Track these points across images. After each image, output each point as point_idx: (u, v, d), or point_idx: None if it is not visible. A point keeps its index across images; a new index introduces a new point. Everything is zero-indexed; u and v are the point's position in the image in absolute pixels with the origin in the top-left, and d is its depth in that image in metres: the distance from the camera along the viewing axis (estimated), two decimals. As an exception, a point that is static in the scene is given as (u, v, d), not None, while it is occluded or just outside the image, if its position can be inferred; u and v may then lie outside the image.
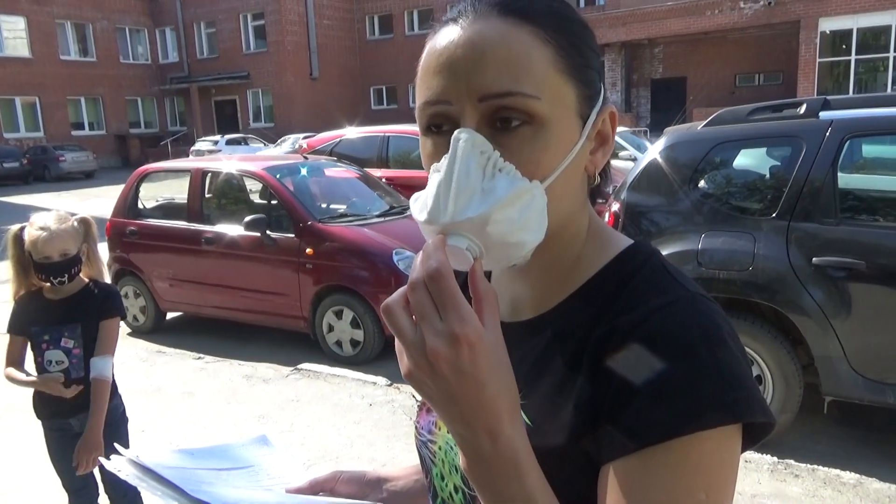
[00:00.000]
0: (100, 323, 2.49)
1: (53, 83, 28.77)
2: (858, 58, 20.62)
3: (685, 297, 0.63)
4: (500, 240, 0.59)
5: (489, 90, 0.61)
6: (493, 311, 0.57)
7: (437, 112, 0.65)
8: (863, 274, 3.22)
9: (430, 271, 0.54)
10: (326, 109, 29.45)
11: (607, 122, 0.70)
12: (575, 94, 0.65)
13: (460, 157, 0.59)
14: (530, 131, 0.62)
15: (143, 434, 4.01)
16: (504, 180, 0.59)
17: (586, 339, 0.64)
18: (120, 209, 6.53)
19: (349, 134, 9.10)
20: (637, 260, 0.69)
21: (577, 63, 0.65)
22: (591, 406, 0.61)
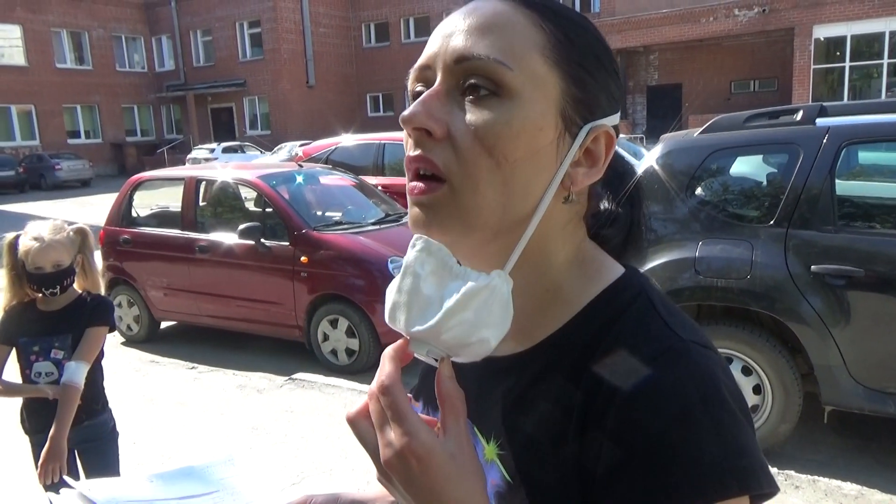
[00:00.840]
0: (86, 330, 2.42)
1: (49, 91, 28.73)
2: (852, 64, 20.72)
3: (678, 347, 0.57)
4: (459, 343, 0.56)
5: (465, 52, 0.59)
6: (456, 415, 0.55)
7: (419, 77, 0.64)
8: (862, 282, 3.19)
9: (379, 385, 0.55)
10: (323, 117, 29.47)
11: (600, 141, 0.63)
12: (560, 89, 0.61)
13: (412, 263, 0.57)
14: (496, 103, 0.59)
15: (134, 446, 3.96)
16: (457, 284, 0.56)
17: (572, 389, 0.59)
18: (113, 218, 6.48)
19: (345, 141, 9.08)
20: (625, 296, 0.63)
21: (571, 59, 0.62)
22: (580, 468, 0.56)
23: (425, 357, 0.57)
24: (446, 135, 0.59)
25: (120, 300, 6.36)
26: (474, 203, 0.59)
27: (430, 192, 0.60)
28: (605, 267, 0.67)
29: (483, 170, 0.58)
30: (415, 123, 0.59)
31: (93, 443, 2.53)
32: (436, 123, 0.59)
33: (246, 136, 30.32)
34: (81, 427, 2.48)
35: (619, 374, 0.56)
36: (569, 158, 0.61)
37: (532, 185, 0.60)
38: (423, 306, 0.56)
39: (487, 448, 0.64)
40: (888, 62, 20.18)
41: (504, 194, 0.59)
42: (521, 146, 0.59)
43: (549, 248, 0.65)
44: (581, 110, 0.62)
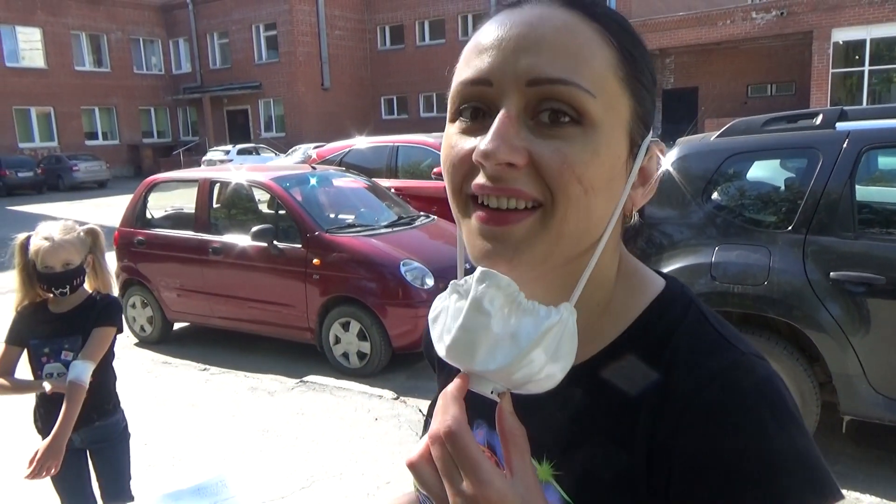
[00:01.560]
0: (94, 329, 2.41)
1: (68, 93, 29.08)
2: (871, 68, 20.44)
3: (743, 361, 0.56)
4: (528, 380, 0.54)
5: (541, 73, 0.54)
6: (521, 453, 0.53)
7: (473, 93, 0.58)
8: (883, 289, 3.12)
9: (446, 430, 0.52)
10: (337, 119, 29.56)
11: (654, 158, 0.63)
12: (630, 109, 0.59)
13: (480, 299, 0.53)
14: (579, 132, 0.55)
15: (145, 447, 3.96)
16: (529, 321, 0.53)
17: (634, 404, 0.58)
18: (128, 219, 6.52)
19: (358, 144, 9.08)
20: (676, 309, 0.62)
21: (635, 76, 0.59)
22: (648, 485, 0.55)
23: (488, 394, 0.56)
24: (528, 163, 0.55)
25: (134, 301, 6.39)
26: (560, 232, 0.56)
27: (518, 223, 0.56)
28: (647, 278, 0.67)
29: (573, 198, 0.55)
30: (498, 159, 0.54)
31: (105, 443, 2.54)
32: (518, 155, 0.55)
33: (261, 138, 30.48)
34: (93, 427, 2.49)
35: (684, 393, 0.55)
36: (631, 180, 0.60)
37: (607, 211, 0.59)
38: (491, 345, 0.53)
39: (541, 469, 0.62)
40: (908, 66, 19.90)
41: (586, 222, 0.57)
42: (605, 174, 0.57)
43: (603, 265, 0.63)
44: (642, 126, 0.61)
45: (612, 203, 0.59)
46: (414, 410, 4.44)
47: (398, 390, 4.81)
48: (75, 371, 2.33)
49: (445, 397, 0.54)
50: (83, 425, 2.45)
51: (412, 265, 5.14)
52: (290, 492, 3.50)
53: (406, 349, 5.12)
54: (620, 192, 0.59)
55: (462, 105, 0.59)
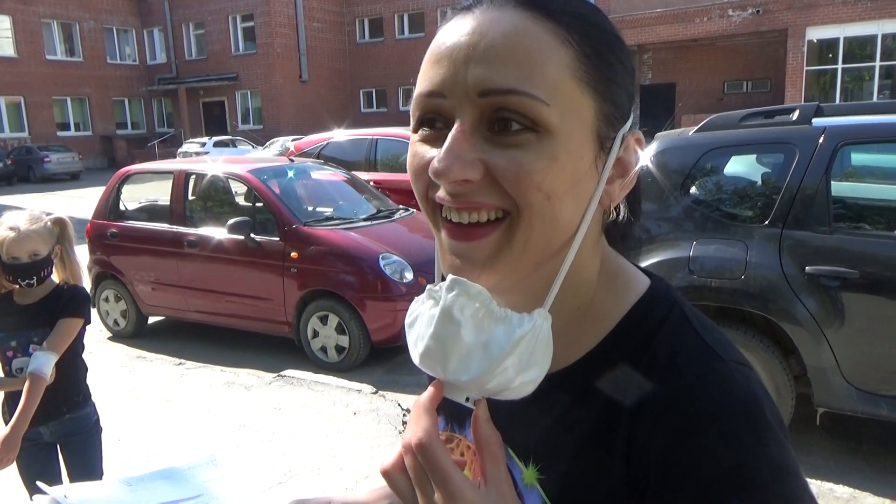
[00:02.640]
0: (59, 320, 2.33)
1: (39, 83, 28.46)
2: (845, 67, 20.78)
3: (721, 368, 0.56)
4: (502, 388, 0.54)
5: (490, 84, 0.53)
6: (495, 461, 0.53)
7: (430, 106, 0.57)
8: (856, 283, 3.17)
9: (417, 443, 0.52)
10: (316, 112, 29.32)
11: (631, 148, 0.61)
12: (593, 110, 0.57)
13: (450, 308, 0.53)
14: (535, 140, 0.54)
15: (119, 443, 3.90)
16: (501, 330, 0.53)
17: (615, 410, 0.57)
18: (101, 211, 6.40)
19: (337, 136, 9.01)
20: (658, 311, 0.61)
21: (600, 74, 0.57)
22: (627, 491, 0.55)
23: (462, 402, 0.55)
24: (485, 174, 0.55)
25: (107, 295, 6.28)
26: (526, 240, 0.56)
27: (484, 237, 0.56)
28: (630, 278, 0.65)
29: (535, 205, 0.54)
30: (452, 177, 0.54)
31: (75, 437, 2.49)
32: (473, 170, 0.54)
33: (238, 130, 30.13)
34: (63, 420, 2.44)
35: (661, 399, 0.55)
36: (605, 176, 0.58)
37: (576, 213, 0.57)
38: (463, 355, 0.52)
39: (526, 472, 0.62)
40: (880, 65, 20.26)
41: (552, 228, 0.56)
42: (567, 178, 0.55)
43: (581, 266, 0.62)
44: (612, 123, 0.59)
45: (581, 204, 0.58)
46: (393, 405, 4.42)
47: (377, 384, 4.78)
48: (36, 362, 2.26)
49: (418, 407, 0.54)
50: (52, 418, 2.41)
51: (391, 259, 5.11)
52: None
53: (385, 343, 5.10)
54: (591, 191, 0.58)
55: (421, 116, 0.59)
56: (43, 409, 2.38)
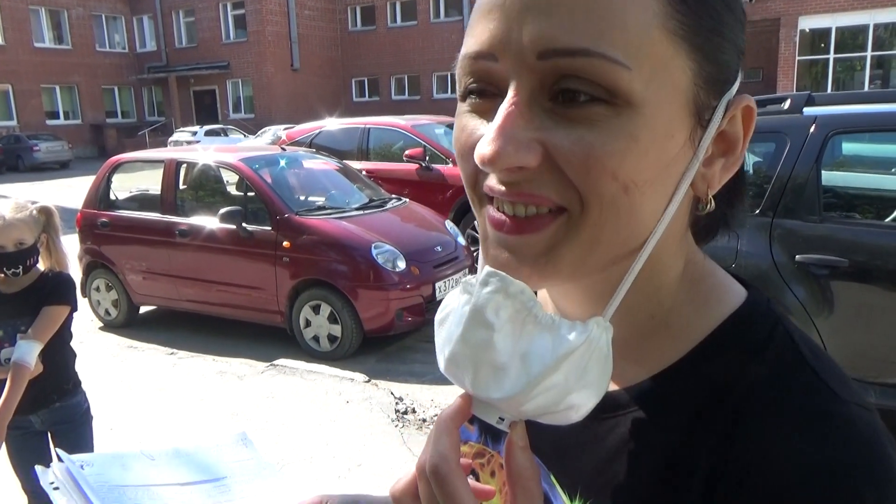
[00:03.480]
0: (43, 308, 2.31)
1: (27, 71, 28.14)
2: (836, 56, 20.83)
3: (841, 411, 0.44)
4: (543, 411, 0.44)
5: (552, 43, 0.41)
6: (528, 498, 0.45)
7: (479, 70, 0.46)
8: (846, 272, 3.19)
9: (431, 467, 0.44)
10: (307, 101, 29.15)
11: (738, 120, 0.47)
12: (690, 72, 0.44)
13: (483, 308, 0.43)
14: (611, 114, 0.42)
15: (111, 432, 3.89)
16: (545, 340, 0.43)
17: (693, 449, 0.46)
18: (91, 200, 6.35)
19: (329, 125, 8.97)
20: (759, 331, 0.48)
21: (700, 25, 0.44)
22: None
23: (494, 423, 0.46)
24: (544, 158, 0.43)
25: (98, 284, 6.25)
26: (594, 239, 0.45)
27: (538, 231, 0.45)
28: (722, 287, 0.53)
29: (608, 198, 0.43)
30: (503, 165, 0.43)
31: (66, 424, 2.49)
32: (529, 154, 0.43)
33: (229, 119, 29.93)
34: (53, 408, 2.44)
35: (760, 442, 0.43)
36: (701, 155, 0.46)
37: (661, 204, 0.46)
38: (496, 367, 0.43)
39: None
40: (871, 55, 20.32)
41: (629, 225, 0.45)
42: (651, 163, 0.43)
43: (660, 267, 0.50)
44: (715, 87, 0.46)
45: (669, 192, 0.46)
46: (385, 393, 4.43)
47: (369, 373, 4.80)
48: (20, 351, 2.24)
49: (438, 424, 0.46)
50: (42, 406, 2.41)
51: (384, 248, 5.11)
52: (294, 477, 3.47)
53: (377, 332, 5.11)
54: (680, 175, 0.46)
55: (469, 83, 0.48)
56: (33, 398, 2.38)
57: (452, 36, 28.31)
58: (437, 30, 28.71)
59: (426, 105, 27.55)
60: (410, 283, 5.09)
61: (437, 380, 4.73)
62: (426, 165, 7.64)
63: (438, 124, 8.75)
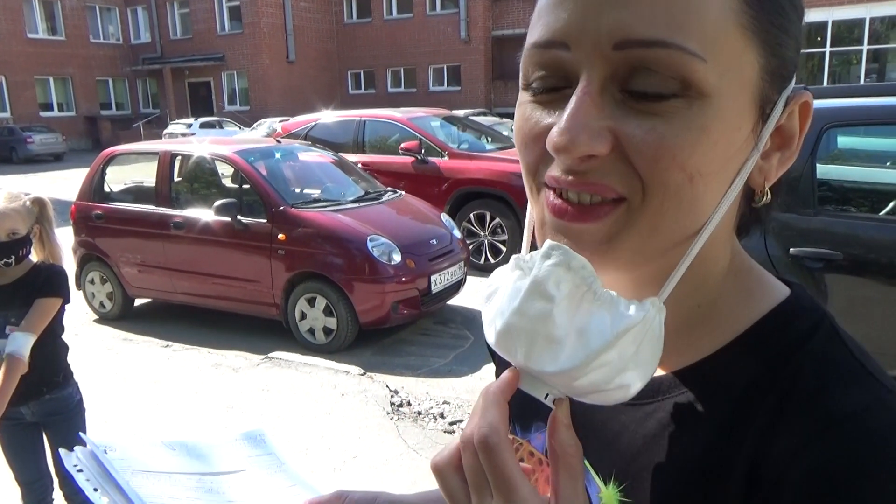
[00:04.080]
0: (36, 300, 2.31)
1: (20, 62, 27.94)
2: (833, 50, 20.85)
3: (887, 400, 0.43)
4: (594, 388, 0.44)
5: (631, 34, 0.42)
6: (572, 476, 0.44)
7: (549, 59, 0.46)
8: (840, 265, 3.20)
9: (480, 438, 0.43)
10: (303, 93, 29.05)
11: (795, 115, 0.48)
12: (758, 67, 0.45)
13: (544, 281, 0.43)
14: (683, 106, 0.43)
15: (106, 425, 3.89)
16: (604, 316, 0.43)
17: (733, 438, 0.46)
18: (85, 192, 6.33)
19: (324, 118, 8.94)
20: (803, 323, 0.49)
21: (769, 21, 0.45)
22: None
23: (542, 399, 0.46)
24: (614, 147, 0.44)
25: (93, 277, 6.24)
26: (653, 227, 0.45)
27: (599, 219, 0.45)
28: (765, 280, 0.53)
29: (673, 188, 0.44)
30: (578, 152, 0.44)
31: (57, 416, 2.49)
32: (601, 142, 0.44)
33: (224, 111, 29.81)
34: (44, 400, 2.44)
35: (805, 431, 0.43)
36: (759, 150, 0.47)
37: (720, 193, 0.46)
38: (552, 340, 0.43)
39: (605, 491, 0.52)
40: (867, 48, 20.34)
41: (690, 214, 0.45)
42: (718, 155, 0.44)
43: (710, 258, 0.50)
44: (777, 82, 0.47)
45: (726, 184, 0.46)
46: (381, 386, 4.44)
47: (365, 366, 4.80)
48: (14, 344, 2.24)
49: (486, 396, 0.45)
50: (32, 398, 2.40)
51: (379, 241, 5.11)
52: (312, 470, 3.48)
53: (373, 325, 5.11)
54: (739, 168, 0.46)
55: (535, 73, 0.47)
56: (23, 390, 2.38)
57: (448, 28, 28.22)
58: (433, 22, 28.61)
59: (422, 98, 27.48)
60: (406, 275, 5.09)
61: (433, 373, 4.74)
62: (422, 158, 7.63)
63: (434, 117, 8.72)
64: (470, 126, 9.00)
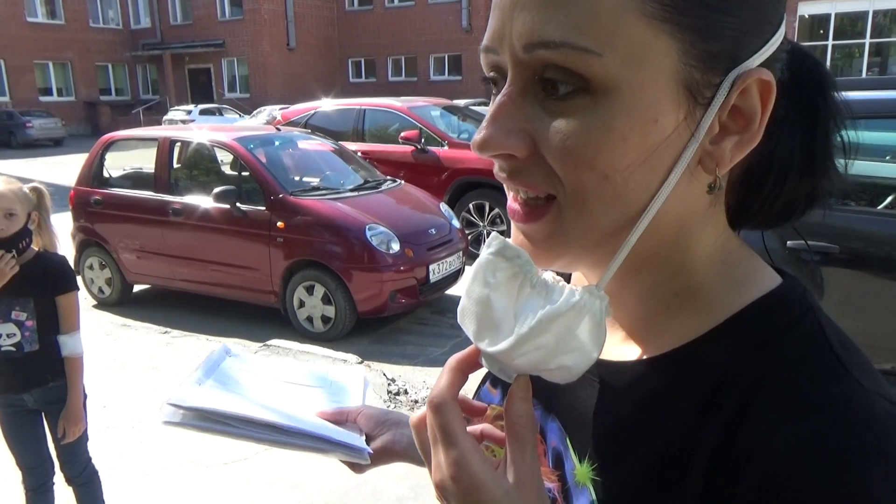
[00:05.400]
0: (56, 299, 2.44)
1: (19, 46, 27.80)
2: (835, 43, 20.77)
3: (857, 399, 0.43)
4: (535, 368, 0.47)
5: (533, 37, 0.44)
6: (521, 444, 0.47)
7: (489, 62, 0.50)
8: (836, 258, 3.21)
9: (429, 400, 0.49)
10: (303, 81, 28.95)
11: (753, 94, 0.46)
12: (677, 52, 0.44)
13: (483, 268, 0.47)
14: (588, 103, 0.44)
15: (104, 410, 3.91)
16: (536, 302, 0.46)
17: (704, 422, 0.46)
18: (84, 177, 6.32)
19: (324, 106, 8.91)
20: (786, 314, 0.48)
21: (688, 4, 0.44)
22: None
23: (496, 372, 0.49)
24: (534, 150, 0.46)
25: (91, 262, 6.24)
26: (582, 223, 0.47)
27: (539, 220, 0.49)
28: (755, 271, 0.52)
29: (588, 185, 0.45)
30: (490, 151, 0.47)
31: (59, 404, 2.51)
32: (517, 143, 0.46)
33: (224, 98, 29.70)
34: (47, 388, 2.47)
35: (771, 420, 0.43)
36: (700, 135, 0.46)
37: (655, 183, 0.46)
38: (493, 322, 0.47)
39: (580, 468, 0.53)
40: (870, 42, 20.27)
41: (617, 208, 0.46)
42: (632, 149, 0.45)
43: (685, 244, 0.51)
44: (716, 64, 0.45)
45: (662, 173, 0.46)
46: (378, 374, 4.46)
47: (362, 354, 4.82)
48: (67, 347, 2.46)
49: (447, 365, 0.50)
50: (36, 385, 2.44)
51: (378, 229, 5.11)
52: (254, 453, 3.50)
53: (371, 314, 5.12)
54: (677, 156, 0.46)
55: (488, 74, 0.51)
56: (27, 377, 2.42)
57: (450, 17, 28.08)
58: (434, 10, 28.46)
59: (423, 87, 27.39)
60: (404, 264, 5.10)
61: (430, 361, 4.76)
62: (422, 148, 7.62)
63: (435, 106, 8.70)
64: (470, 116, 8.98)
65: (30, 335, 2.40)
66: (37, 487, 2.55)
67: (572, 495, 0.53)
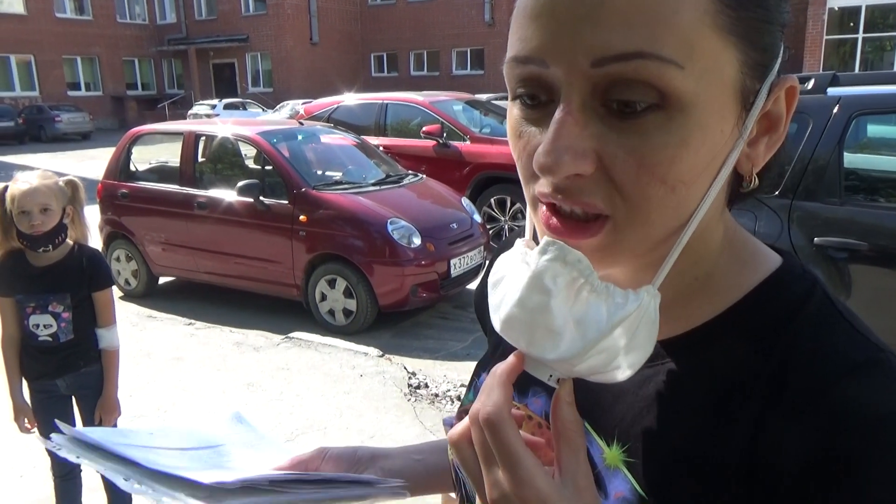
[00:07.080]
0: (93, 295, 2.51)
1: (49, 41, 28.29)
2: (866, 36, 20.31)
3: (880, 360, 0.46)
4: (593, 371, 0.47)
5: (607, 51, 0.42)
6: (574, 450, 0.46)
7: (529, 75, 0.47)
8: (864, 255, 3.15)
9: (485, 417, 0.46)
10: (326, 75, 29.06)
11: (781, 100, 0.49)
12: (739, 63, 0.45)
13: (542, 275, 0.45)
14: (663, 119, 0.43)
15: (131, 398, 3.98)
16: (600, 307, 0.45)
17: (733, 393, 0.48)
18: (112, 171, 6.43)
19: (347, 100, 8.95)
20: (797, 289, 0.51)
21: (747, 15, 0.44)
22: (742, 483, 0.46)
23: (545, 380, 0.48)
24: (599, 167, 0.45)
25: (118, 254, 6.35)
26: (641, 234, 0.47)
27: (591, 236, 0.47)
28: (759, 252, 0.55)
29: (654, 200, 0.45)
30: (563, 174, 0.45)
31: (90, 390, 2.59)
32: (585, 162, 0.45)
33: (248, 92, 29.95)
34: (79, 373, 2.54)
35: (805, 388, 0.45)
36: (745, 137, 0.47)
37: (705, 186, 0.48)
38: (551, 329, 0.45)
39: (609, 453, 0.54)
40: (902, 35, 19.80)
41: (676, 217, 0.47)
42: (701, 161, 0.45)
43: (704, 237, 0.52)
44: (759, 71, 0.47)
45: (712, 177, 0.47)
46: (399, 368, 4.48)
47: (383, 348, 4.84)
48: (105, 340, 2.55)
49: (493, 377, 0.48)
50: (69, 371, 2.51)
51: (399, 224, 5.13)
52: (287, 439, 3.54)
53: (392, 307, 5.14)
54: (724, 159, 0.47)
55: (518, 86, 0.48)
56: (60, 363, 2.48)
57: (472, 11, 27.99)
58: (457, 4, 28.37)
59: (445, 81, 27.34)
60: (425, 259, 5.11)
61: (451, 356, 4.77)
62: (443, 142, 7.62)
63: (457, 101, 8.69)
64: (492, 110, 8.95)
65: (66, 326, 2.46)
66: (65, 474, 2.62)
67: (604, 478, 0.53)
